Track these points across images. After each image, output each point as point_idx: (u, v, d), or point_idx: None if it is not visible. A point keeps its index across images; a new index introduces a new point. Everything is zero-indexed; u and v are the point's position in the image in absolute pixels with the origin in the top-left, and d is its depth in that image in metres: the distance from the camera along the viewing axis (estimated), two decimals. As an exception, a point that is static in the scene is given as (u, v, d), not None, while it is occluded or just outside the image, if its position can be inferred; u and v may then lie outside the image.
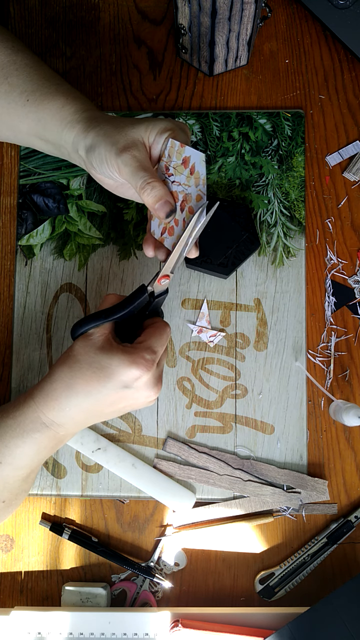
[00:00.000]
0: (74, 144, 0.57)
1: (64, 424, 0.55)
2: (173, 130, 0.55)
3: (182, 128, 0.56)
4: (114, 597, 0.68)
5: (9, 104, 0.59)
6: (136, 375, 0.53)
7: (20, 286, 0.71)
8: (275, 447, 0.68)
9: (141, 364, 0.53)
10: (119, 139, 0.54)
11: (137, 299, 0.56)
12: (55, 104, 0.58)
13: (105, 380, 0.53)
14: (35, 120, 0.59)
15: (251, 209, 0.71)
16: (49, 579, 0.69)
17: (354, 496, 0.68)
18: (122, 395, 0.55)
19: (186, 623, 0.63)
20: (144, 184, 0.53)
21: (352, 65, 0.73)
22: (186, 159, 0.55)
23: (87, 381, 0.54)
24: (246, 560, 0.68)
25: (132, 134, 0.54)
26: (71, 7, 0.75)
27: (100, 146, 0.54)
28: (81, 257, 0.71)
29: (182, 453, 0.68)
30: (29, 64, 0.60)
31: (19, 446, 0.55)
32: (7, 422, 0.55)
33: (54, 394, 0.54)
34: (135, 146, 0.54)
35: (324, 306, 0.70)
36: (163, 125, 0.55)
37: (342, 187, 0.71)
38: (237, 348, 0.69)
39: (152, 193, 0.53)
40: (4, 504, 0.58)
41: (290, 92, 0.73)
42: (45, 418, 0.55)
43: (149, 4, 0.75)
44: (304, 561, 0.67)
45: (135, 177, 0.53)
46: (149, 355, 0.54)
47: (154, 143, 0.55)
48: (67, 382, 0.54)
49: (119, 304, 0.56)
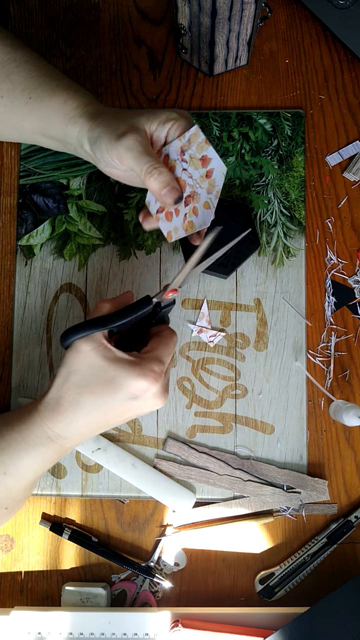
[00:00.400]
0: (79, 138, 0.56)
1: (69, 437, 0.54)
2: (175, 119, 0.54)
3: (184, 117, 0.55)
4: (114, 597, 0.68)
5: (12, 102, 0.59)
6: (145, 387, 0.52)
7: (20, 286, 0.71)
8: (275, 447, 0.68)
9: (150, 376, 0.52)
10: (119, 125, 0.53)
11: (140, 309, 0.54)
12: (58, 100, 0.57)
13: (114, 392, 0.52)
14: (39, 117, 0.58)
15: (251, 209, 0.71)
16: (49, 579, 0.69)
17: (354, 496, 0.68)
18: (129, 406, 0.54)
19: (186, 623, 0.63)
20: (150, 168, 0.52)
21: (352, 65, 0.73)
22: (206, 158, 0.53)
23: (95, 394, 0.52)
24: (246, 560, 0.68)
25: (133, 121, 0.53)
26: (71, 7, 0.75)
27: (101, 136, 0.54)
28: (81, 257, 0.71)
29: (182, 453, 0.68)
30: (29, 61, 0.60)
31: (24, 459, 0.54)
32: (12, 436, 0.54)
33: (60, 409, 0.53)
34: (136, 130, 0.53)
35: (324, 306, 0.70)
36: (165, 115, 0.54)
37: (342, 187, 0.71)
38: (237, 348, 0.69)
39: (159, 178, 0.52)
40: (6, 510, 0.58)
41: (290, 92, 0.73)
42: (51, 432, 0.54)
43: (149, 4, 0.75)
44: (304, 561, 0.67)
45: (139, 162, 0.52)
46: (157, 367, 0.53)
47: (156, 132, 0.54)
48: (74, 397, 0.53)
49: (119, 312, 0.54)
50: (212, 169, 0.53)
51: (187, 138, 0.54)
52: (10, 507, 0.58)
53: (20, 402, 0.69)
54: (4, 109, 0.60)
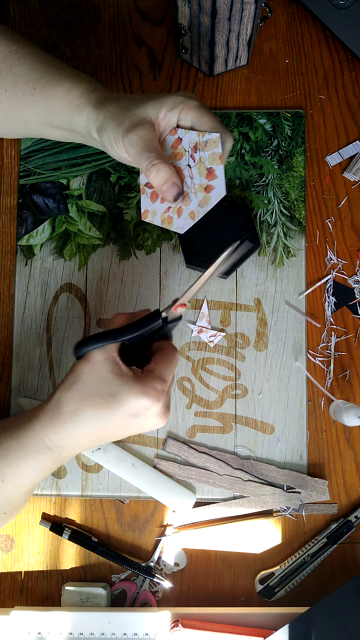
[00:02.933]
0: (87, 127, 0.56)
1: (67, 447, 0.53)
2: (183, 103, 0.54)
3: (191, 97, 0.54)
4: (114, 597, 0.68)
5: (17, 95, 0.59)
6: (146, 405, 0.52)
7: (20, 286, 0.71)
8: (275, 447, 0.68)
9: (152, 395, 0.51)
10: (125, 119, 0.53)
11: (150, 323, 0.53)
12: (62, 89, 0.57)
13: (115, 407, 0.51)
14: (45, 108, 0.58)
15: (251, 209, 0.71)
16: (49, 579, 0.69)
17: (354, 496, 0.68)
18: (129, 423, 0.53)
19: (186, 623, 0.63)
20: (150, 165, 0.52)
21: (352, 65, 0.73)
22: (212, 172, 0.53)
23: (96, 406, 0.52)
24: (246, 560, 0.68)
25: (139, 113, 0.53)
26: (71, 7, 0.75)
27: (108, 128, 0.54)
28: (81, 257, 0.71)
29: (182, 453, 0.68)
30: (30, 52, 0.60)
31: (21, 467, 0.54)
32: (10, 444, 0.54)
33: (60, 418, 0.52)
34: (141, 125, 0.53)
35: (324, 306, 0.70)
36: (171, 101, 0.54)
37: (342, 187, 0.71)
38: (237, 348, 0.69)
39: (158, 175, 0.53)
40: (5, 515, 0.58)
41: (290, 92, 0.73)
42: (50, 441, 0.53)
43: (149, 4, 0.75)
44: (304, 561, 0.67)
45: (140, 159, 0.53)
46: (159, 385, 0.52)
47: (164, 118, 0.54)
48: (74, 406, 0.52)
49: (130, 326, 0.53)
50: (212, 186, 0.53)
51: (205, 139, 0.53)
52: (9, 512, 0.58)
53: (20, 402, 0.69)
54: (10, 103, 0.60)
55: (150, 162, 0.52)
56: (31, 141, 0.72)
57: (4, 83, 0.59)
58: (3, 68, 0.59)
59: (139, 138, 0.52)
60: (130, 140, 0.53)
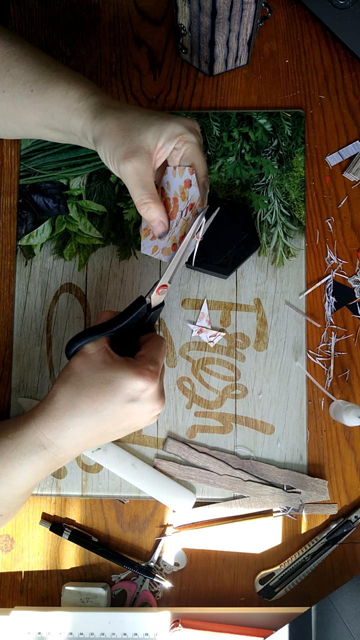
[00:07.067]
0: (83, 132, 0.57)
1: (64, 446, 0.53)
2: (183, 134, 0.55)
3: (192, 131, 0.56)
4: (114, 597, 0.68)
5: (14, 97, 0.59)
6: (142, 387, 0.52)
7: (20, 286, 0.71)
8: (275, 447, 0.68)
9: (147, 375, 0.52)
10: (122, 144, 0.54)
11: (135, 310, 0.55)
12: (59, 91, 0.57)
13: (112, 394, 0.52)
14: (42, 109, 0.58)
15: (251, 209, 0.71)
16: (49, 579, 0.69)
17: (354, 496, 0.68)
18: (128, 411, 0.53)
19: (186, 623, 0.63)
20: (141, 202, 0.55)
21: (352, 65, 0.73)
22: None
23: (93, 398, 0.52)
24: (246, 560, 0.68)
25: (137, 141, 0.54)
26: (71, 7, 0.75)
27: (104, 145, 0.54)
28: (81, 257, 0.71)
29: (182, 453, 0.68)
30: (27, 53, 0.60)
31: (16, 468, 0.53)
32: (4, 442, 0.53)
33: (56, 414, 0.52)
34: (137, 155, 0.53)
35: (324, 306, 0.70)
36: (171, 131, 0.54)
37: (342, 187, 0.71)
38: (237, 348, 0.69)
39: (147, 213, 0.56)
40: (1, 517, 0.57)
41: (290, 92, 0.73)
42: (45, 439, 0.53)
43: (149, 4, 0.75)
44: (304, 561, 0.67)
45: (133, 193, 0.55)
46: (152, 367, 0.53)
47: (162, 148, 0.55)
48: (71, 400, 0.52)
49: (117, 317, 0.55)
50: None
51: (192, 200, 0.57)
52: (5, 514, 0.57)
53: (20, 402, 0.69)
54: (7, 104, 0.60)
55: (141, 200, 0.55)
56: (31, 141, 0.72)
57: (1, 84, 0.59)
58: (1, 69, 0.59)
59: (133, 171, 0.54)
60: (124, 171, 0.54)
